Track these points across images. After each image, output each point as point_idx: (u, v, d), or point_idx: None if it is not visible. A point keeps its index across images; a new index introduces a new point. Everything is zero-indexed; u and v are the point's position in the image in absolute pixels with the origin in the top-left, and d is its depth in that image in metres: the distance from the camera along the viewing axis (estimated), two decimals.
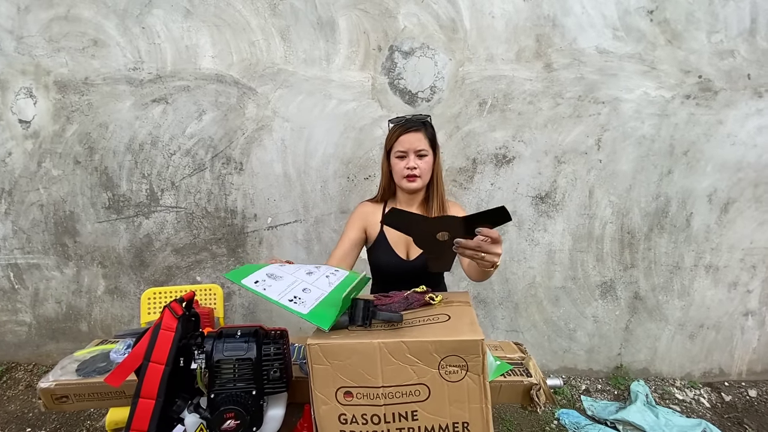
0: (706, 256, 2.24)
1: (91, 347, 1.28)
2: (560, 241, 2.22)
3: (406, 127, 1.20)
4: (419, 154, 1.21)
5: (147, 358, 0.81)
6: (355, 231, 1.30)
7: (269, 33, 1.97)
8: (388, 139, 1.25)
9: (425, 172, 1.22)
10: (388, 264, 1.29)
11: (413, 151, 1.20)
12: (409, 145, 1.19)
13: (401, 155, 1.21)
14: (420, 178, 1.22)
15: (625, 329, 2.35)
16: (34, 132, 2.09)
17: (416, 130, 1.20)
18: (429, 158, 1.22)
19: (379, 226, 1.29)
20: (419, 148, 1.20)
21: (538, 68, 2.00)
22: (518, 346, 1.33)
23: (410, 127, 1.20)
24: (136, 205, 2.17)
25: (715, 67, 2.00)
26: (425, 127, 1.22)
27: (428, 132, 1.23)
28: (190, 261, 2.25)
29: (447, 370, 0.72)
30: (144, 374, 0.80)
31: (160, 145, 2.10)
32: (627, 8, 1.94)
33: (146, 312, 1.86)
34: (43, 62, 2.01)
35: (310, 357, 0.75)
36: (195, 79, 2.02)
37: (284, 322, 2.35)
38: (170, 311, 0.85)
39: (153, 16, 1.95)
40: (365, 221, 1.31)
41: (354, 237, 1.29)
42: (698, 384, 2.40)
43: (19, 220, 2.20)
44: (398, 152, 1.22)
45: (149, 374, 0.80)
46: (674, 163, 2.12)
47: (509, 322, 2.34)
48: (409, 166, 1.20)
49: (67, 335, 2.38)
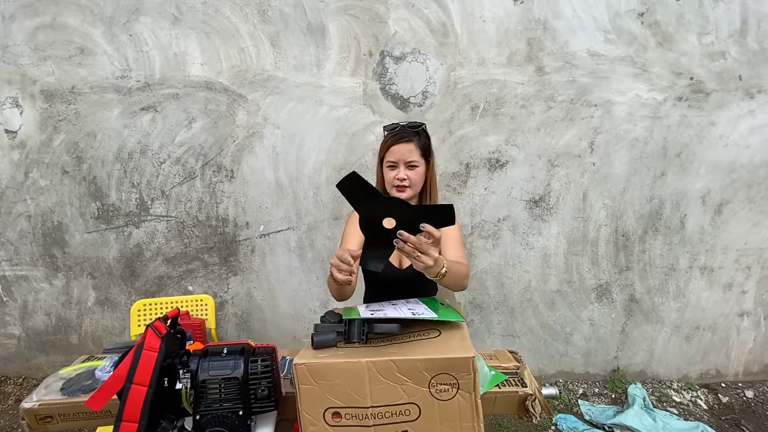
0: (701, 257, 2.24)
1: (77, 364, 1.25)
2: (555, 244, 2.21)
3: (398, 137, 1.19)
4: (410, 165, 1.19)
5: (129, 380, 0.79)
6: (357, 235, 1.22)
7: (259, 39, 1.95)
8: (382, 146, 1.24)
9: (415, 183, 1.21)
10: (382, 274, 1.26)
11: (403, 162, 1.19)
12: (399, 155, 1.18)
13: (392, 165, 1.21)
14: (410, 188, 1.21)
15: (622, 332, 2.34)
16: (21, 142, 2.05)
17: (408, 140, 1.19)
18: (420, 169, 1.21)
19: None
20: (409, 159, 1.19)
21: (530, 72, 1.99)
22: (513, 355, 1.32)
23: (402, 137, 1.19)
24: (126, 214, 2.14)
25: (707, 68, 2.00)
26: (418, 137, 1.21)
27: (420, 142, 1.21)
28: (182, 270, 2.22)
29: (437, 388, 0.70)
30: (126, 397, 0.78)
31: (150, 154, 2.07)
32: (617, 11, 1.93)
33: (136, 324, 1.83)
34: (29, 71, 1.98)
35: (296, 377, 0.73)
36: (184, 86, 1.99)
37: (278, 331, 2.32)
38: (153, 331, 0.82)
39: (140, 24, 1.93)
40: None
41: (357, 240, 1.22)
42: (695, 386, 2.39)
43: (7, 231, 2.16)
44: (389, 162, 1.21)
45: (131, 397, 0.78)
46: (667, 165, 2.11)
47: (505, 327, 2.33)
48: (398, 176, 1.19)
49: (57, 348, 2.34)
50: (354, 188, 0.82)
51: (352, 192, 0.83)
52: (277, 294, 2.27)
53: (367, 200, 0.82)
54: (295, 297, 2.27)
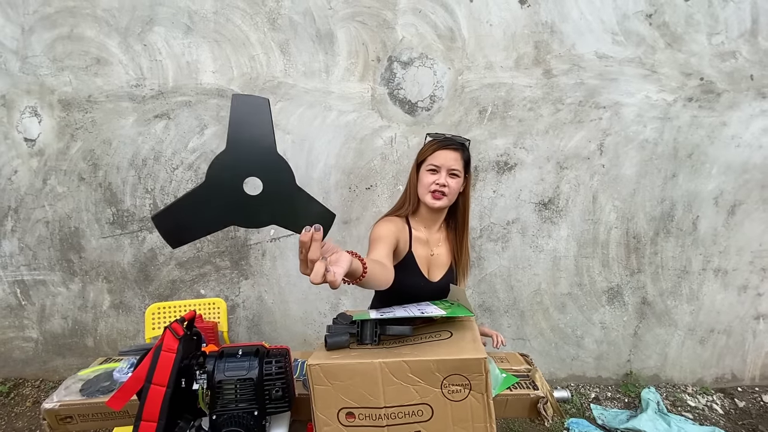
0: (715, 259, 2.21)
1: (95, 366, 1.28)
2: (565, 247, 2.20)
3: (445, 144, 1.17)
4: (452, 173, 1.16)
5: (148, 380, 0.81)
6: (393, 237, 1.13)
7: (269, 47, 1.98)
8: (423, 151, 1.20)
9: (452, 193, 1.17)
10: (413, 285, 1.21)
11: (447, 168, 1.15)
12: (444, 161, 1.14)
13: (433, 169, 1.16)
14: (446, 198, 1.16)
15: (634, 335, 2.32)
16: (39, 150, 2.11)
17: (455, 148, 1.16)
18: (460, 180, 1.18)
19: (408, 245, 1.20)
20: (453, 167, 1.15)
21: (538, 75, 2.00)
22: (524, 358, 1.32)
23: (449, 144, 1.17)
24: (140, 219, 2.18)
25: (717, 68, 1.99)
26: (464, 149, 1.20)
27: (465, 154, 1.19)
28: (194, 274, 2.25)
29: (450, 389, 0.71)
30: (145, 397, 0.80)
31: (163, 160, 2.11)
32: (625, 13, 1.93)
33: (150, 327, 1.86)
34: (47, 81, 2.04)
35: (311, 377, 0.74)
36: (196, 94, 2.04)
37: (288, 334, 2.34)
38: (171, 332, 0.84)
39: (154, 34, 1.98)
40: (398, 234, 1.17)
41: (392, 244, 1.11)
42: (710, 390, 2.35)
43: (26, 237, 2.22)
44: (431, 166, 1.16)
45: (151, 397, 0.80)
46: (678, 166, 2.10)
47: (515, 330, 2.32)
48: (439, 182, 1.14)
49: (73, 351, 2.39)
50: (171, 222, 0.62)
51: (174, 227, 0.62)
52: (288, 297, 2.29)
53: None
54: (305, 300, 2.29)
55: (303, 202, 0.63)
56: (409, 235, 1.21)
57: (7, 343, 2.38)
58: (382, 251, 1.04)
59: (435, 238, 1.27)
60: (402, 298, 1.19)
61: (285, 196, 0.62)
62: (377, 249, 1.05)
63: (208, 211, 0.60)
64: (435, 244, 1.26)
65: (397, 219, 1.22)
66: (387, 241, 1.09)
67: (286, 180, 0.62)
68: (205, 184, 0.60)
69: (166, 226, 0.59)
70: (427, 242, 1.24)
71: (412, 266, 1.20)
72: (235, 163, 0.60)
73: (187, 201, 0.60)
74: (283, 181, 0.62)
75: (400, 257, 1.19)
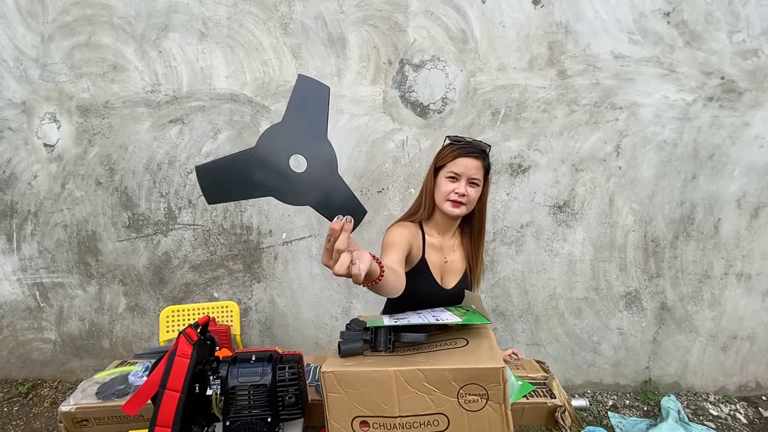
0: (737, 263, 2.14)
1: (111, 369, 1.29)
2: (581, 250, 2.15)
3: (466, 151, 1.12)
4: (472, 182, 1.13)
5: (163, 385, 0.81)
6: (406, 244, 1.10)
7: (281, 51, 2.00)
8: (442, 156, 1.16)
9: (471, 202, 1.15)
10: (426, 292, 1.18)
11: (467, 177, 1.11)
12: (464, 169, 1.11)
13: (453, 177, 1.12)
14: (465, 206, 1.14)
15: (653, 341, 2.26)
16: (58, 155, 2.16)
17: (477, 157, 1.12)
18: (479, 189, 1.15)
19: (422, 251, 1.18)
20: (474, 176, 1.12)
21: (552, 76, 1.97)
22: (540, 365, 1.29)
23: (471, 151, 1.12)
24: (155, 223, 2.21)
25: (738, 67, 1.93)
26: (485, 157, 1.16)
27: (486, 162, 1.16)
28: (208, 278, 2.27)
29: (466, 399, 0.69)
30: (160, 402, 0.80)
31: (177, 165, 2.14)
32: (642, 11, 1.89)
33: (165, 330, 1.88)
34: (66, 88, 2.08)
35: (324, 385, 0.73)
36: (210, 99, 2.06)
37: (300, 337, 2.34)
38: (185, 337, 0.84)
39: (169, 40, 2.00)
40: (412, 240, 1.15)
41: (405, 249, 1.08)
42: (733, 398, 2.28)
43: (45, 240, 2.26)
44: (451, 173, 1.12)
45: (165, 402, 0.80)
46: (699, 167, 2.04)
47: (530, 336, 2.28)
48: (459, 191, 1.11)
49: (89, 352, 2.43)
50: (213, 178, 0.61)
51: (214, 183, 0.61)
52: (300, 300, 2.29)
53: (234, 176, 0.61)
54: (317, 304, 2.29)
55: (340, 191, 0.63)
56: (422, 241, 1.18)
57: (26, 344, 2.43)
58: (395, 258, 1.01)
59: (449, 244, 1.24)
60: (415, 305, 1.16)
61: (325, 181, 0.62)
62: (390, 255, 1.02)
63: (251, 177, 0.60)
64: (449, 250, 1.24)
65: (411, 224, 1.19)
66: (400, 248, 1.06)
67: (329, 166, 0.63)
68: (254, 149, 0.60)
69: (207, 179, 0.59)
70: (440, 248, 1.22)
71: (425, 273, 1.17)
72: (286, 137, 0.61)
73: (233, 161, 0.59)
74: (326, 166, 0.62)
75: (413, 263, 1.17)
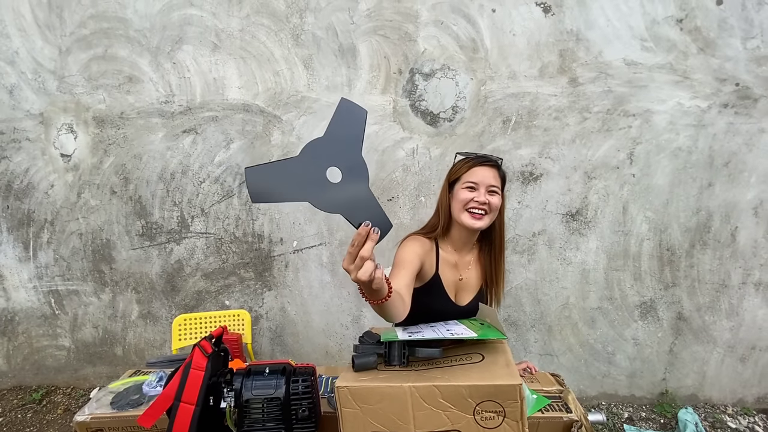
0: (755, 272, 2.09)
1: (125, 378, 1.30)
2: (594, 259, 2.12)
3: (481, 160, 1.11)
4: (491, 191, 1.09)
5: (178, 398, 0.81)
6: (417, 262, 1.07)
7: (292, 62, 2.02)
8: (456, 169, 1.14)
9: (494, 211, 1.10)
10: (439, 310, 1.15)
11: (485, 185, 1.08)
12: (482, 177, 1.08)
13: (471, 186, 1.09)
14: (487, 216, 1.09)
15: (669, 352, 2.21)
16: (75, 165, 2.20)
17: (492, 165, 1.11)
18: (500, 198, 1.11)
19: (435, 267, 1.15)
20: (492, 185, 1.08)
21: (563, 83, 1.96)
22: (555, 378, 1.27)
23: (486, 161, 1.11)
24: (168, 232, 2.24)
25: (753, 74, 1.90)
26: (499, 167, 1.15)
27: (501, 172, 1.15)
28: (219, 285, 2.28)
29: (483, 416, 0.68)
30: (175, 415, 0.80)
31: (190, 174, 2.17)
32: (654, 18, 1.88)
33: (177, 338, 1.89)
34: (82, 99, 2.13)
35: (339, 400, 0.72)
36: (223, 109, 2.09)
37: (310, 345, 2.34)
38: (200, 350, 0.85)
39: (183, 52, 2.04)
40: (424, 257, 1.12)
41: (416, 268, 1.06)
42: (752, 411, 2.21)
43: (60, 248, 2.30)
44: (468, 183, 1.09)
45: (180, 415, 0.80)
46: (714, 175, 2.01)
47: (542, 346, 2.25)
48: (479, 199, 1.07)
49: (103, 359, 2.45)
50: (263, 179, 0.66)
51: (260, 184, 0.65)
52: (310, 309, 2.29)
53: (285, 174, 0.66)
54: (328, 312, 2.29)
55: (369, 203, 0.69)
56: (436, 257, 1.15)
57: (41, 351, 2.46)
58: (403, 281, 0.98)
59: (465, 261, 1.21)
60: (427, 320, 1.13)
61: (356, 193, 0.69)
62: (399, 277, 0.99)
63: (292, 182, 0.66)
64: (464, 267, 1.21)
65: (425, 240, 1.16)
66: (411, 267, 1.03)
67: (362, 180, 0.69)
68: (297, 158, 0.67)
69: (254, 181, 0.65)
70: (455, 266, 1.19)
71: (438, 289, 1.15)
72: (325, 151, 0.69)
73: (279, 167, 0.67)
74: (359, 180, 0.69)
75: (425, 279, 1.14)
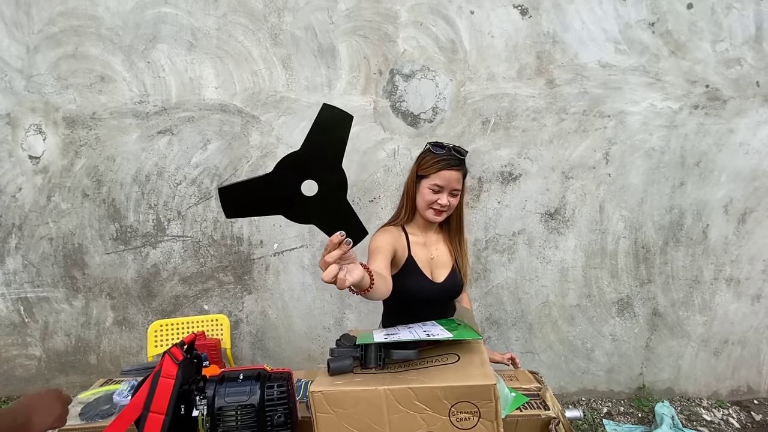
0: (726, 268, 2.16)
1: (95, 388, 1.26)
2: (572, 258, 2.16)
3: (449, 164, 1.18)
4: (453, 193, 1.21)
5: (146, 408, 0.78)
6: (389, 248, 1.15)
7: (271, 62, 1.99)
8: (426, 165, 1.20)
9: (452, 209, 1.24)
10: (419, 289, 1.22)
11: (449, 189, 1.19)
12: (447, 182, 1.18)
13: (436, 189, 1.19)
14: (445, 213, 1.23)
15: (646, 347, 2.26)
16: (44, 167, 2.12)
17: (458, 169, 1.19)
18: (458, 197, 1.24)
19: (407, 249, 1.23)
20: (455, 188, 1.20)
21: (540, 85, 1.99)
22: (534, 375, 1.28)
23: (453, 165, 1.18)
24: (143, 235, 2.18)
25: (722, 75, 1.97)
26: (463, 165, 1.23)
27: (464, 170, 1.24)
28: (198, 290, 2.23)
29: (458, 416, 0.68)
30: (143, 425, 0.77)
31: (166, 176, 2.11)
32: (627, 22, 1.92)
33: (153, 345, 1.84)
34: (52, 99, 2.05)
35: (313, 405, 0.71)
36: (199, 109, 2.04)
37: (292, 349, 2.31)
38: (170, 357, 0.82)
39: (157, 51, 1.99)
40: (395, 243, 1.19)
41: (389, 255, 1.13)
42: (726, 403, 2.28)
43: (29, 254, 2.21)
44: (434, 185, 1.18)
45: (149, 425, 0.78)
46: (686, 174, 2.07)
47: (524, 344, 2.27)
48: (442, 203, 1.19)
49: (76, 368, 2.37)
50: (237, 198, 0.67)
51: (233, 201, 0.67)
52: (292, 312, 2.26)
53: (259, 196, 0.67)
54: (310, 315, 2.26)
55: (345, 214, 0.68)
56: (406, 240, 1.24)
57: (10, 360, 2.36)
58: (381, 263, 1.08)
59: (433, 239, 1.31)
60: (409, 303, 1.24)
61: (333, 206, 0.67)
62: (376, 261, 1.09)
63: (265, 197, 0.66)
64: (434, 245, 1.30)
65: (393, 228, 1.26)
66: (385, 252, 1.12)
67: (339, 192, 0.68)
68: (272, 174, 0.66)
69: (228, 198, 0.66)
70: (425, 245, 1.28)
71: (414, 269, 1.22)
72: (302, 165, 0.66)
73: (252, 184, 0.66)
74: (336, 192, 0.68)
75: (400, 264, 1.22)
